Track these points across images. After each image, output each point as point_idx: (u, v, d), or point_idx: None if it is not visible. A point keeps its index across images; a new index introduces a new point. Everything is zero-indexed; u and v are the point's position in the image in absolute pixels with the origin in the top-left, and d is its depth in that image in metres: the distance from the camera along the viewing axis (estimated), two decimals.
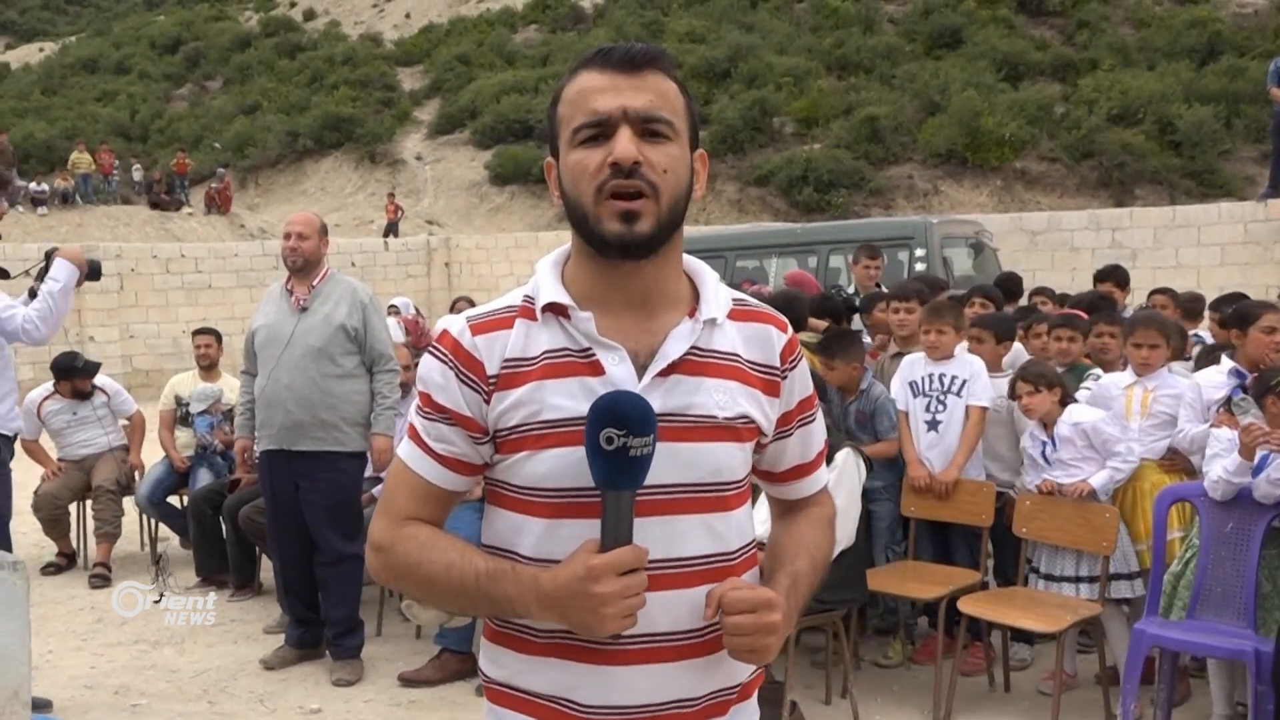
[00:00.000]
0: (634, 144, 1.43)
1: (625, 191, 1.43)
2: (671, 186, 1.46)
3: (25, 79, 56.45)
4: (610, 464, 1.37)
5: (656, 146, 1.45)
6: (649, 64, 1.48)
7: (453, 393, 1.51)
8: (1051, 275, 13.34)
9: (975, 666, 4.86)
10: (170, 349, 17.73)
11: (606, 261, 1.49)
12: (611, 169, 1.43)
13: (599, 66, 1.48)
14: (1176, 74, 28.79)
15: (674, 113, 1.48)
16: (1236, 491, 4.02)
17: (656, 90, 1.47)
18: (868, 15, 37.90)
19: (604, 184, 1.44)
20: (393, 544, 1.54)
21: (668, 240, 1.49)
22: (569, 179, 1.48)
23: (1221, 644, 3.93)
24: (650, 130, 1.45)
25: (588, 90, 1.47)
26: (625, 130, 1.44)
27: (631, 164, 1.42)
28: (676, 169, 1.47)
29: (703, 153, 1.56)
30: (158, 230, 25.46)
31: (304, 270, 5.04)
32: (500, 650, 1.57)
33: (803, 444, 1.68)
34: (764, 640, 1.45)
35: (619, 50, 1.48)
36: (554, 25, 47.51)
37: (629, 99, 1.45)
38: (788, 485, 1.72)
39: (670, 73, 1.50)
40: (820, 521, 1.72)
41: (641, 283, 1.51)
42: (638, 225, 1.44)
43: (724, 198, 29.08)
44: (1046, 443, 4.66)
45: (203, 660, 5.39)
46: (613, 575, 1.37)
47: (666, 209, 1.46)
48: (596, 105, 1.45)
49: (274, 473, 5.09)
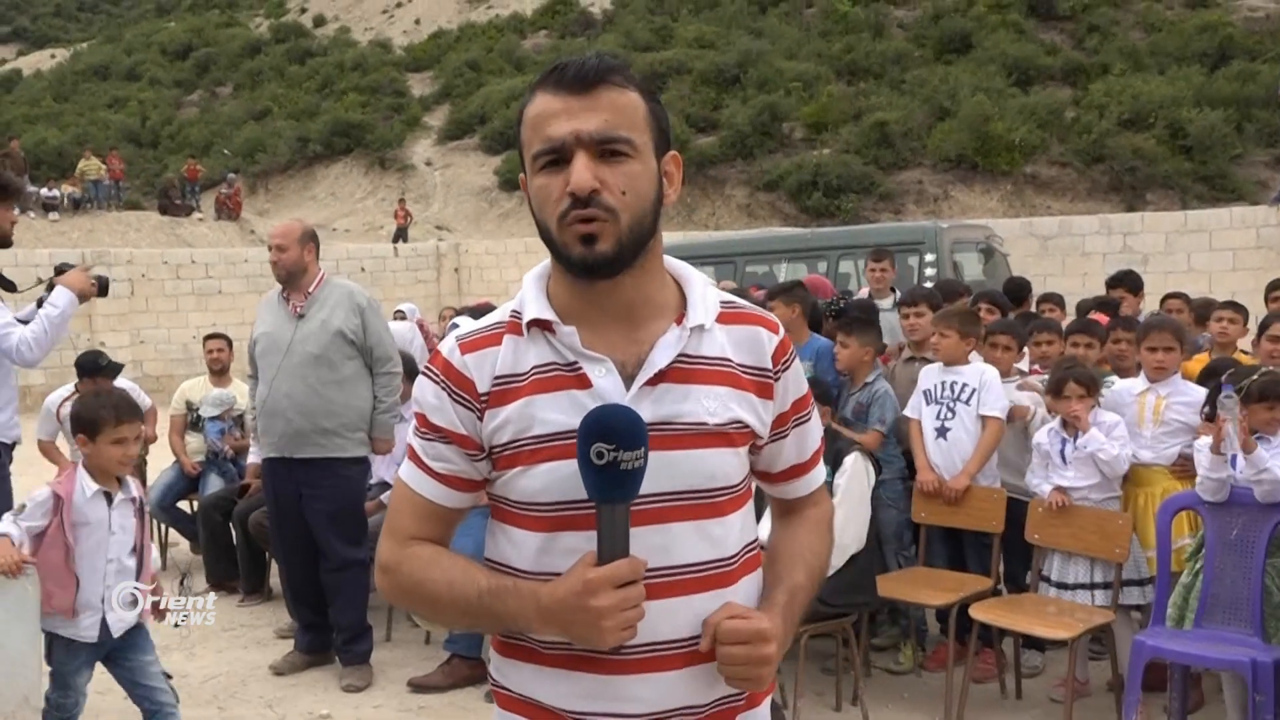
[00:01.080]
0: (590, 171, 1.42)
1: (584, 218, 1.43)
2: (632, 205, 1.45)
3: (37, 85, 56.80)
4: (602, 478, 1.37)
5: (614, 167, 1.44)
6: (601, 81, 1.45)
7: (447, 412, 1.53)
8: (1062, 280, 13.31)
9: (986, 673, 4.84)
10: (180, 354, 17.79)
11: (583, 279, 1.49)
12: (570, 198, 1.43)
13: (553, 88, 1.46)
14: (1187, 78, 28.74)
15: (632, 128, 1.45)
16: (1228, 489, 4.01)
17: (611, 108, 1.44)
18: (877, 20, 37.92)
19: (565, 212, 1.44)
20: (398, 564, 1.56)
21: (635, 256, 1.48)
22: (535, 203, 1.49)
23: (1218, 655, 3.90)
24: (608, 150, 1.44)
25: (543, 115, 1.46)
26: (581, 157, 1.43)
27: (588, 193, 1.42)
28: (636, 187, 1.46)
29: (675, 154, 1.55)
30: (168, 236, 25.54)
31: (291, 280, 5.02)
32: (509, 662, 1.58)
33: (799, 444, 1.68)
34: (757, 671, 1.46)
35: (571, 69, 1.45)
36: (563, 31, 47.63)
37: (581, 122, 1.43)
38: (784, 485, 1.72)
39: (627, 83, 1.47)
40: (818, 525, 1.73)
41: (623, 296, 1.51)
42: (598, 246, 1.43)
43: (734, 203, 29.09)
44: (1068, 440, 4.62)
45: (213, 665, 5.39)
46: (610, 588, 1.38)
47: (627, 229, 1.45)
48: (550, 131, 1.44)
49: (276, 480, 5.09)
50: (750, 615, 1.49)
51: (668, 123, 1.54)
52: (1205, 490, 4.08)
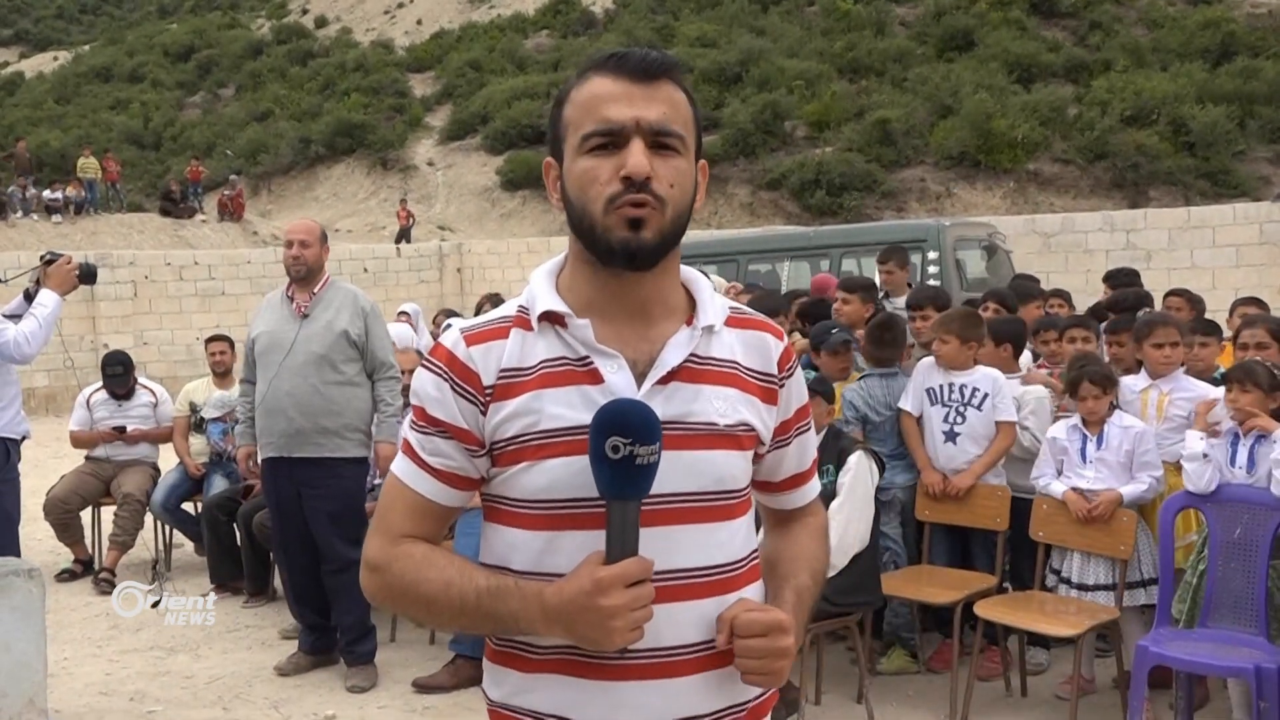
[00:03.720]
0: (646, 157, 1.41)
1: (636, 202, 1.41)
2: (677, 200, 1.44)
3: (39, 88, 56.88)
4: (616, 473, 1.34)
5: (665, 160, 1.43)
6: (663, 74, 1.44)
7: (448, 405, 1.48)
8: (1065, 277, 13.28)
9: (992, 671, 4.83)
10: (184, 356, 17.81)
11: (607, 270, 1.47)
12: (623, 182, 1.41)
13: (613, 73, 1.44)
14: (1190, 75, 28.74)
15: (684, 126, 1.45)
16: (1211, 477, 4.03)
17: (669, 102, 1.44)
18: (879, 18, 37.94)
19: (615, 196, 1.41)
20: (389, 563, 1.50)
21: (670, 251, 1.47)
22: (575, 186, 1.45)
23: (1222, 662, 3.89)
24: (661, 143, 1.43)
25: (600, 97, 1.43)
26: (638, 142, 1.41)
27: (644, 179, 1.41)
28: (683, 183, 1.45)
29: (704, 164, 1.54)
30: (171, 237, 25.57)
31: (307, 278, 5.04)
32: (501, 670, 1.53)
33: (800, 453, 1.67)
34: (776, 664, 1.44)
35: (634, 57, 1.44)
36: (565, 30, 47.67)
37: (643, 110, 1.42)
38: (784, 495, 1.70)
39: (681, 83, 1.48)
40: (818, 533, 1.72)
41: (641, 293, 1.49)
42: (644, 231, 1.42)
43: (736, 201, 29.10)
44: (1089, 439, 4.58)
45: (218, 667, 5.39)
46: (620, 587, 1.34)
47: (670, 222, 1.44)
48: (609, 114, 1.42)
49: (277, 480, 5.08)
50: (765, 608, 1.47)
51: (702, 130, 1.54)
52: (1189, 480, 4.08)
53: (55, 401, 16.03)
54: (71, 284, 4.86)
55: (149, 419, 7.30)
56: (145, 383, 7.47)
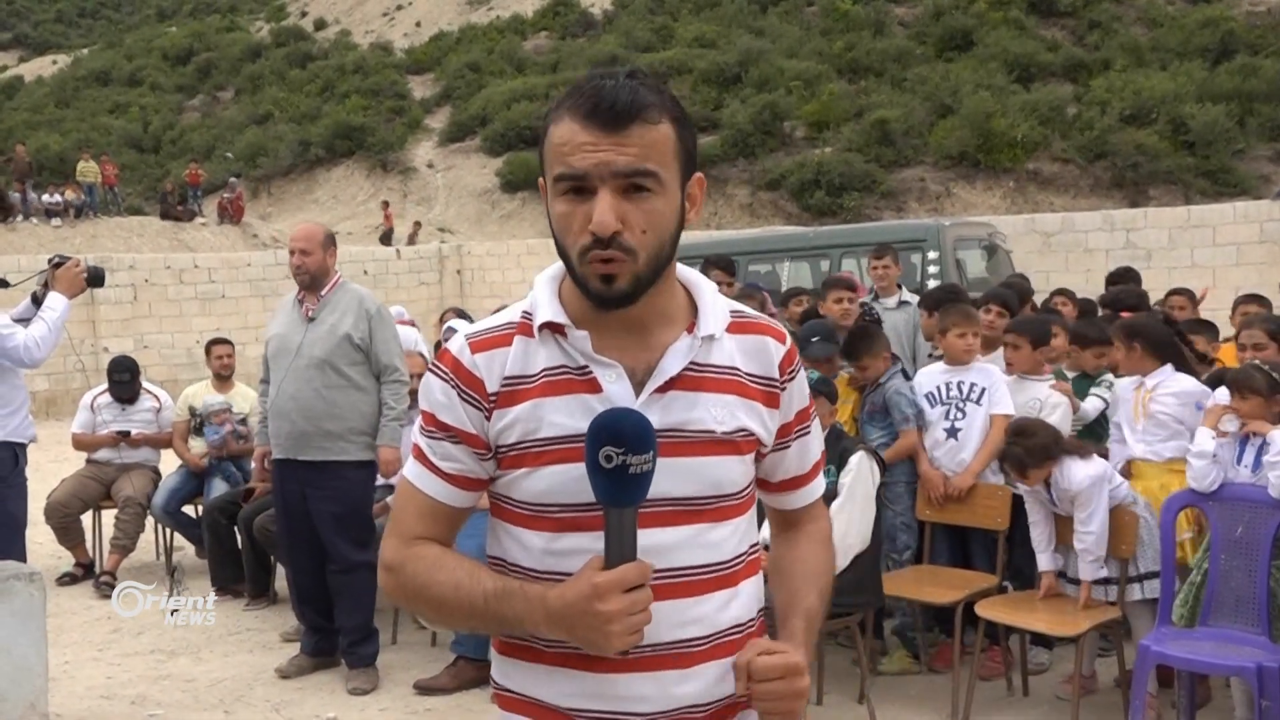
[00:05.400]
0: (613, 212, 1.40)
1: (604, 259, 1.42)
2: (651, 244, 1.44)
3: (38, 91, 56.90)
4: (610, 482, 1.37)
5: (638, 204, 1.42)
6: (635, 118, 1.41)
7: (456, 410, 1.52)
8: (1065, 277, 13.27)
9: (993, 670, 4.83)
10: (184, 359, 17.79)
11: None
12: (591, 236, 1.41)
13: (583, 120, 1.41)
14: (1189, 73, 28.72)
15: (661, 162, 1.43)
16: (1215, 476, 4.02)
17: (641, 143, 1.41)
18: (878, 18, 37.93)
19: (585, 249, 1.42)
20: (402, 564, 1.55)
21: (650, 285, 1.47)
22: (556, 226, 1.47)
23: (1224, 661, 3.89)
24: (634, 185, 1.42)
25: (569, 144, 1.42)
26: (604, 195, 1.40)
27: (610, 235, 1.40)
28: (658, 224, 1.44)
29: (699, 177, 1.53)
30: (171, 241, 25.56)
31: (313, 285, 5.05)
32: (510, 662, 1.58)
33: (799, 456, 1.69)
34: (794, 704, 1.48)
35: (604, 102, 1.40)
36: (564, 32, 47.66)
37: (610, 157, 1.40)
38: (782, 496, 1.72)
39: (661, 113, 1.44)
40: (822, 541, 1.73)
41: (635, 310, 1.50)
42: (615, 285, 1.43)
43: (735, 202, 29.10)
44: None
45: (219, 669, 5.39)
46: (618, 592, 1.37)
47: (645, 266, 1.44)
48: (575, 163, 1.41)
49: (284, 481, 5.11)
50: (778, 649, 1.50)
51: (695, 143, 1.52)
52: (1193, 476, 4.08)
53: (56, 406, 16.03)
54: (80, 287, 4.85)
55: (152, 424, 7.32)
56: (149, 387, 7.50)
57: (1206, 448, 4.07)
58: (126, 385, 7.28)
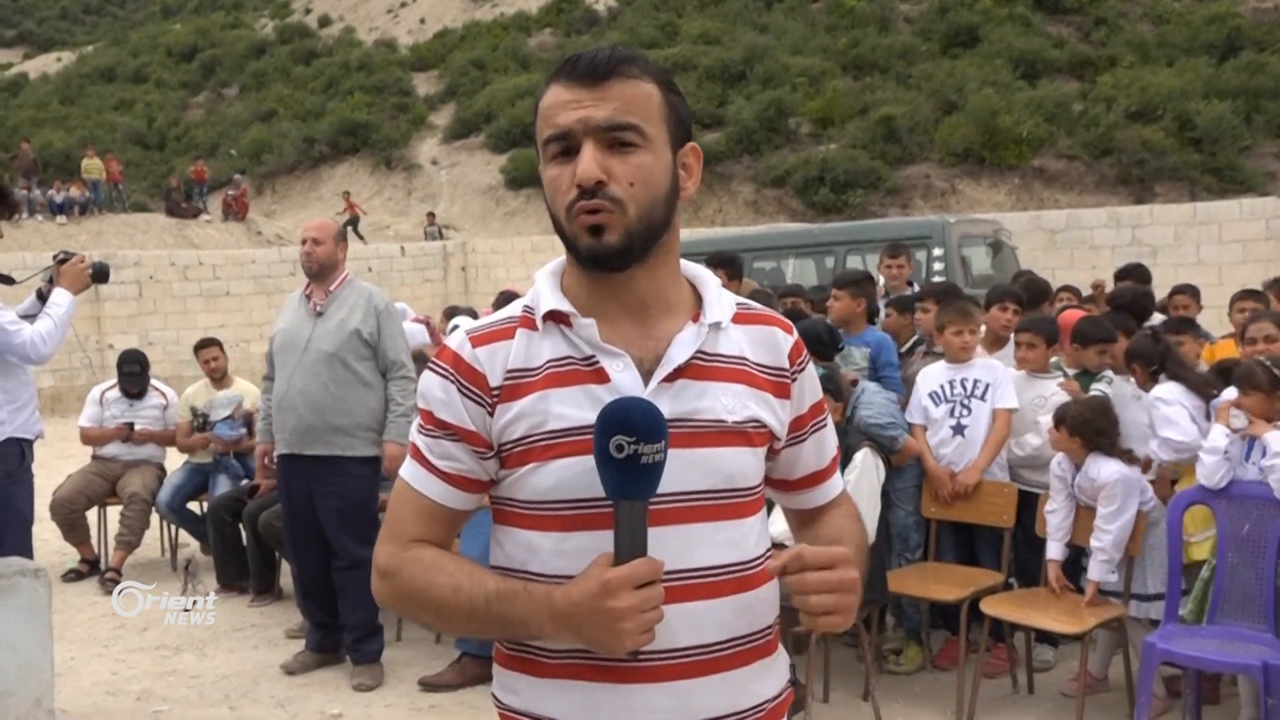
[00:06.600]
0: (596, 161, 1.40)
1: (590, 209, 1.41)
2: (640, 197, 1.42)
3: (43, 89, 56.91)
4: (621, 473, 1.32)
5: (624, 158, 1.41)
6: (613, 73, 1.42)
7: (455, 407, 1.47)
8: (1071, 273, 13.26)
9: (998, 668, 4.82)
10: (189, 356, 17.74)
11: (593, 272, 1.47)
12: (577, 189, 1.41)
13: (565, 79, 1.44)
14: (1195, 70, 28.65)
15: (645, 117, 1.43)
16: (1225, 473, 4.02)
17: (622, 98, 1.42)
18: (883, 15, 37.86)
19: (572, 203, 1.42)
20: (399, 568, 1.49)
21: (646, 249, 1.45)
22: (548, 194, 1.47)
23: (1230, 659, 3.88)
24: (617, 140, 1.41)
25: (553, 105, 1.44)
26: (588, 148, 1.41)
27: (594, 183, 1.40)
28: (646, 178, 1.43)
29: (694, 147, 1.52)
30: (175, 238, 25.60)
31: (321, 275, 5.07)
32: (512, 675, 1.51)
33: (818, 449, 1.65)
34: (847, 599, 1.39)
35: (583, 61, 1.43)
36: (568, 29, 47.60)
37: (590, 111, 1.41)
38: (804, 494, 1.68)
39: (642, 74, 1.45)
40: (852, 516, 1.68)
41: (636, 290, 1.48)
42: (605, 237, 1.41)
43: (740, 199, 29.06)
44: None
45: (224, 665, 5.40)
46: (629, 589, 1.32)
47: (636, 219, 1.42)
48: (559, 120, 1.42)
49: (289, 477, 5.12)
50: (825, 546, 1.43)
51: (688, 114, 1.51)
52: (1203, 473, 4.08)
53: (61, 402, 16.05)
54: (85, 283, 4.85)
55: (159, 420, 7.34)
56: (156, 385, 7.51)
57: (1219, 444, 4.06)
58: (137, 378, 7.30)
